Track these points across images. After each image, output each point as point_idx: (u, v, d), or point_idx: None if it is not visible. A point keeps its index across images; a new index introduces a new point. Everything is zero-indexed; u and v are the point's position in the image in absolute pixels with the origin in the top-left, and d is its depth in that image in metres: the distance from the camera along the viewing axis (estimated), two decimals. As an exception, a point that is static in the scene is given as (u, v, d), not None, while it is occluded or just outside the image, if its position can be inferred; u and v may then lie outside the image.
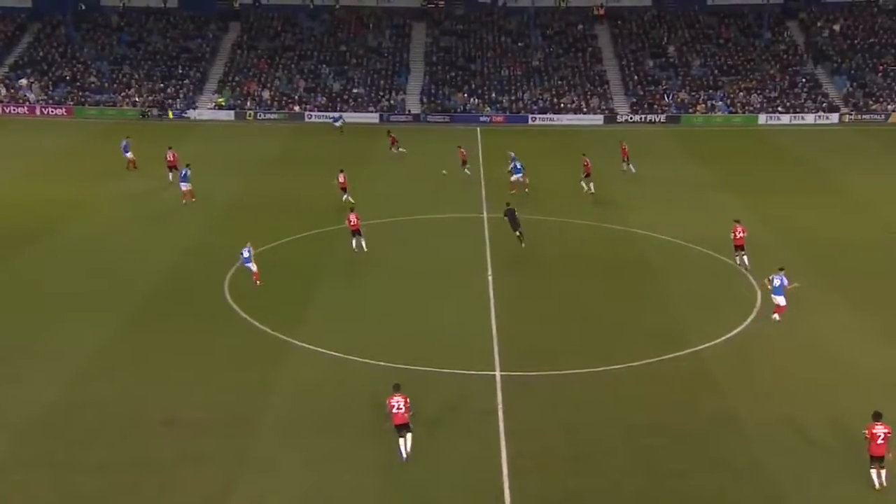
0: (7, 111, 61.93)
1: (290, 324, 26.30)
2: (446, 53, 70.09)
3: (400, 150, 49.23)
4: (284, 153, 49.59)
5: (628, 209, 39.40)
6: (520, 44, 70.80)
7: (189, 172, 39.37)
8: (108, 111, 62.10)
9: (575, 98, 65.17)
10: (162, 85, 65.55)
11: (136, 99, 63.97)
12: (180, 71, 67.32)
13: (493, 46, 70.70)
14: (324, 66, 68.19)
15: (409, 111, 64.18)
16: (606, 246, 34.61)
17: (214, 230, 35.75)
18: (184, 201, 38.73)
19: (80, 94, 64.24)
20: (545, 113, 63.73)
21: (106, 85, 65.21)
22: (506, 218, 33.63)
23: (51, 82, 65.04)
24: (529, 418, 21.36)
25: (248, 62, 68.58)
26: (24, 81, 64.61)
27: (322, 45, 70.47)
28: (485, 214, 38.32)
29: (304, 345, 25.10)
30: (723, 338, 25.99)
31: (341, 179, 39.31)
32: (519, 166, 41.54)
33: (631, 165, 45.91)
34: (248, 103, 64.26)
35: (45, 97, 63.69)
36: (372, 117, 63.06)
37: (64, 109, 62.46)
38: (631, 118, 63.42)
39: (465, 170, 44.46)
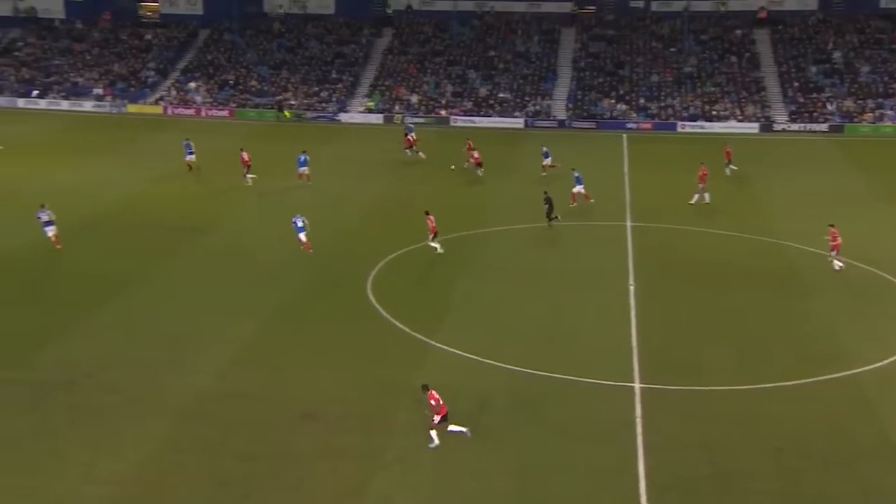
0: (176, 112, 66.10)
1: (429, 325, 26.62)
2: (595, 59, 69.18)
3: (419, 154, 49.32)
4: (428, 156, 50.35)
5: (782, 219, 37.53)
6: (672, 49, 68.92)
7: (307, 158, 43.06)
8: (266, 113, 65.16)
9: (729, 105, 62.77)
10: (316, 88, 68.13)
11: (293, 102, 66.73)
12: (334, 75, 69.73)
13: (644, 52, 69.16)
14: (471, 70, 68.83)
15: (555, 116, 63.76)
16: (756, 258, 33.09)
17: (358, 230, 36.71)
18: (300, 182, 42.34)
19: (242, 96, 67.72)
20: (695, 120, 61.69)
21: (265, 88, 68.44)
22: (546, 205, 35.87)
23: (216, 85, 68.91)
24: (669, 433, 20.69)
25: (398, 67, 70.20)
26: (192, 85, 68.79)
27: (470, 51, 71.17)
28: (628, 223, 37.51)
29: (442, 346, 25.34)
30: (884, 361, 24.27)
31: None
32: (578, 176, 39.80)
33: (732, 166, 45.03)
34: (396, 107, 65.73)
35: (211, 99, 67.54)
36: (516, 122, 63.09)
37: (227, 111, 66.04)
38: (789, 127, 60.40)
39: (478, 172, 44.98)
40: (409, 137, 50.96)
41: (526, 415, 21.63)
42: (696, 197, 40.06)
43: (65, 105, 66.88)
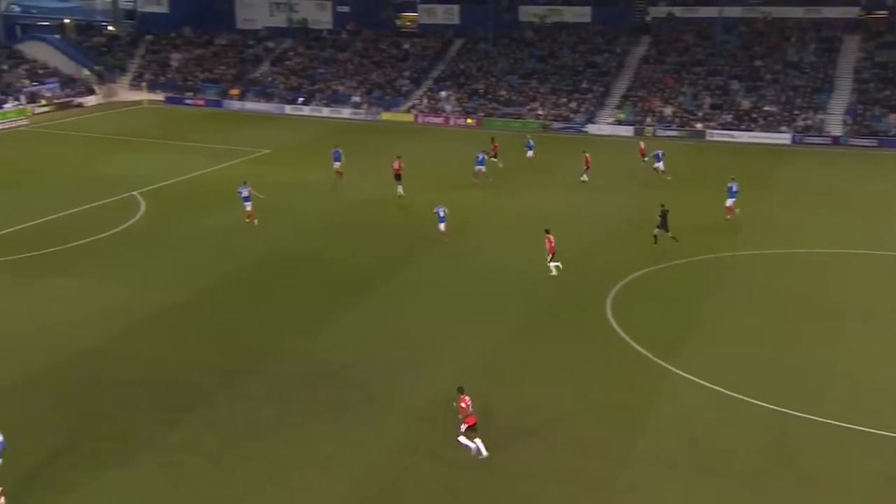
0: (426, 121, 69.26)
1: (670, 350, 25.80)
2: (882, 69, 63.66)
3: (499, 164, 49.21)
4: (690, 170, 48.73)
5: None
6: (976, 58, 61.89)
7: (341, 153, 46.16)
8: (512, 123, 66.45)
9: None
10: (565, 99, 68.48)
11: (540, 112, 67.58)
12: (584, 85, 69.74)
13: (941, 61, 62.69)
14: (734, 81, 65.96)
15: (829, 132, 59.39)
16: None
17: (602, 245, 36.37)
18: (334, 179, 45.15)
19: (490, 105, 69.61)
20: None
21: (513, 98, 69.87)
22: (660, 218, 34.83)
23: (465, 94, 71.39)
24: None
25: (653, 77, 68.85)
26: (443, 93, 71.78)
27: (734, 60, 68.24)
28: (910, 254, 34.15)
29: (684, 374, 24.44)
30: None
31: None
32: (733, 188, 38.35)
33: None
34: (648, 119, 64.44)
35: (460, 108, 70.06)
36: (782, 138, 59.53)
37: (474, 120, 68.18)
38: None
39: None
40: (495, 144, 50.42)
41: (780, 460, 20.32)
42: None
43: (325, 112, 72.30)
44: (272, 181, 46.27)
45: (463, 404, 20.48)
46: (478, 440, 20.30)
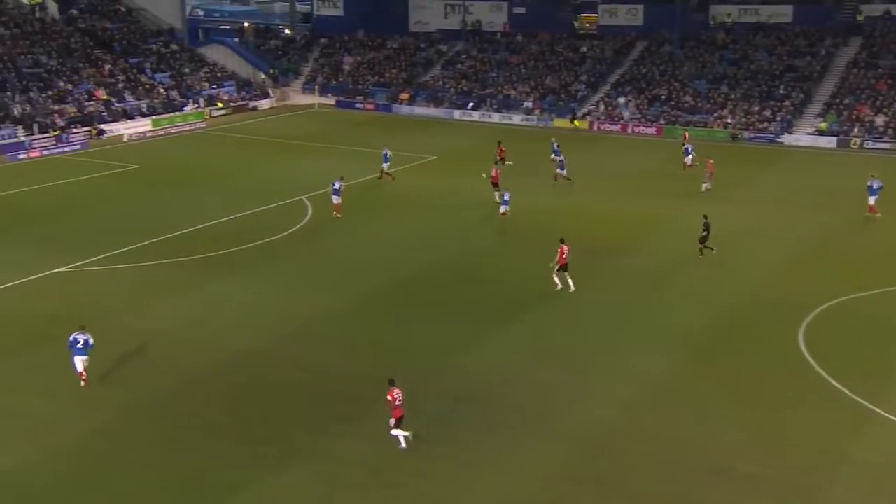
0: (602, 128, 68.57)
1: (874, 389, 24.27)
2: None
3: (507, 163, 50.67)
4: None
5: None
6: None
7: (389, 154, 47.77)
8: (697, 132, 64.44)
9: None
10: (758, 107, 65.92)
11: (728, 120, 65.37)
12: (782, 91, 66.88)
13: None
14: (959, 88, 61.42)
15: None
16: None
17: (797, 267, 34.75)
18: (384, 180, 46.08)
19: (673, 113, 68.02)
20: None
21: (700, 105, 67.96)
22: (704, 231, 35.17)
23: (646, 101, 70.14)
24: None
25: (863, 83, 65.14)
26: (622, 99, 70.86)
27: (960, 64, 63.57)
28: None
29: (891, 417, 22.91)
30: None
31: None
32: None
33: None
34: (856, 129, 60.95)
35: (639, 115, 68.90)
36: None
37: (654, 128, 66.81)
38: None
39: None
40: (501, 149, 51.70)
41: None
42: None
43: (495, 117, 73.04)
44: (437, 189, 47.24)
45: (390, 397, 21.39)
46: (397, 430, 21.43)
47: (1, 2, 72.42)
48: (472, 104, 74.83)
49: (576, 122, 68.83)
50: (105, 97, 67.68)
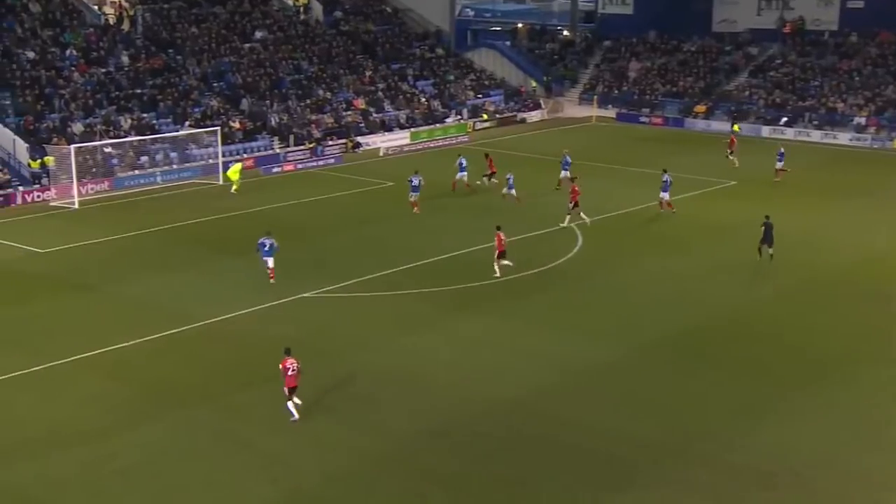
0: None
1: None
2: None
3: (492, 180, 53.16)
4: None
5: None
6: None
7: (418, 182, 48.77)
8: None
9: None
10: None
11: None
12: None
13: None
14: None
15: None
16: None
17: None
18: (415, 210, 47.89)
19: None
20: None
21: None
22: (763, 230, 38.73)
23: None
24: None
25: None
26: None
27: None
28: None
29: None
30: None
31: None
32: None
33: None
34: None
35: None
36: None
37: None
38: None
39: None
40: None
41: None
42: None
43: (815, 136, 70.07)
44: (733, 220, 46.11)
45: (281, 366, 24.35)
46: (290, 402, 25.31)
47: (266, 3, 79.09)
48: (785, 119, 72.33)
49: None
50: (363, 106, 72.10)
